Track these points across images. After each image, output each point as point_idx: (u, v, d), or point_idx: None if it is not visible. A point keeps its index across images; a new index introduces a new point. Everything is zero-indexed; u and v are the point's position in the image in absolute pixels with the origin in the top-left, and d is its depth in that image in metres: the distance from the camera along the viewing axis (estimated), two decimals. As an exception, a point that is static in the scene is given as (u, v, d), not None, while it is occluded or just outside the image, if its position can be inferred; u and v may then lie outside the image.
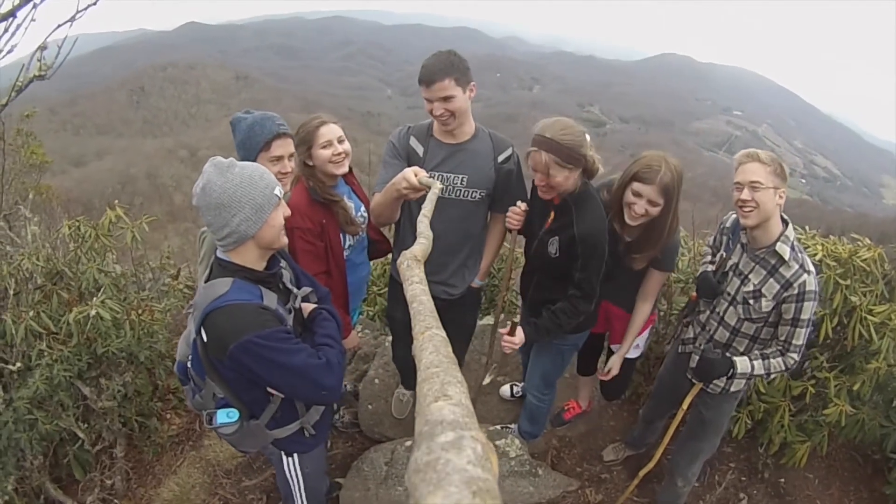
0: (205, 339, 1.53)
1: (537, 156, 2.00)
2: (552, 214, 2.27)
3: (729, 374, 2.17)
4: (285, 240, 1.66)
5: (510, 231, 2.35)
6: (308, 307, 1.84)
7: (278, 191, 1.59)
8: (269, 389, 1.68)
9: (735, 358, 2.16)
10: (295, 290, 1.78)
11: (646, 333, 2.72)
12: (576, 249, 2.13)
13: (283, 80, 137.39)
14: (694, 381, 2.43)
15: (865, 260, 2.56)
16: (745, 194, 1.97)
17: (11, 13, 2.04)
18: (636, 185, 2.15)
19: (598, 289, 2.22)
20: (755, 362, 2.15)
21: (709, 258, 2.44)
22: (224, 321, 1.49)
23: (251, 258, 1.61)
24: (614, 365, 2.65)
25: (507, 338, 2.26)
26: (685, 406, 2.38)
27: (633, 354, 2.72)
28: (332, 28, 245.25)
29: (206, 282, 1.61)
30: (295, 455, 1.96)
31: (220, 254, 1.62)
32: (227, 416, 1.69)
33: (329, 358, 1.63)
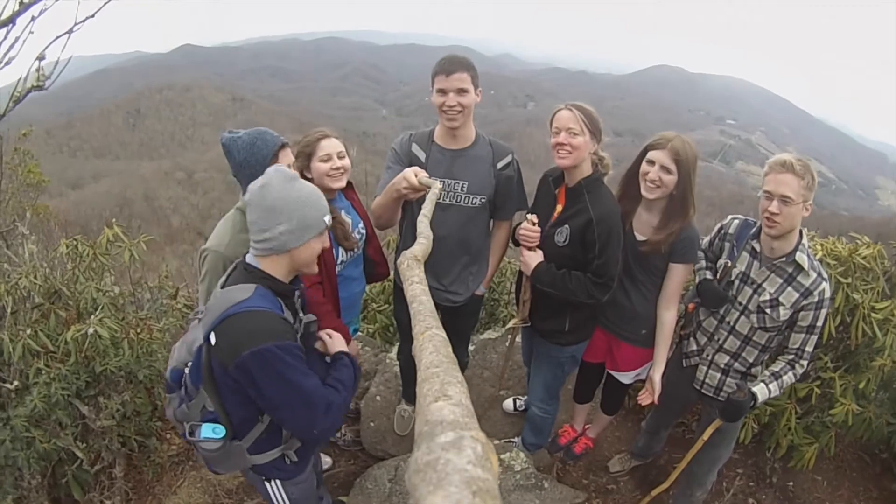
0: (213, 342, 1.49)
1: (565, 112, 2.10)
2: (559, 207, 2.27)
3: (752, 406, 2.12)
4: (315, 269, 1.67)
5: (524, 247, 2.32)
6: (334, 344, 1.83)
7: (328, 219, 1.61)
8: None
9: (755, 389, 2.10)
10: (301, 313, 1.74)
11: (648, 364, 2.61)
12: (591, 234, 2.13)
13: (279, 101, 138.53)
14: (701, 397, 2.43)
15: (865, 257, 2.56)
16: (775, 207, 1.90)
17: (10, 20, 2.05)
18: (649, 154, 2.15)
19: (616, 279, 2.18)
20: (771, 386, 2.11)
21: (704, 264, 2.36)
22: (243, 325, 1.46)
23: (281, 271, 1.59)
24: (655, 385, 2.44)
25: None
26: (706, 437, 2.33)
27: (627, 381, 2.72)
28: (327, 49, 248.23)
29: (222, 286, 1.59)
30: (277, 481, 1.86)
31: (249, 258, 1.60)
32: (212, 432, 1.60)
33: (333, 400, 1.59)
